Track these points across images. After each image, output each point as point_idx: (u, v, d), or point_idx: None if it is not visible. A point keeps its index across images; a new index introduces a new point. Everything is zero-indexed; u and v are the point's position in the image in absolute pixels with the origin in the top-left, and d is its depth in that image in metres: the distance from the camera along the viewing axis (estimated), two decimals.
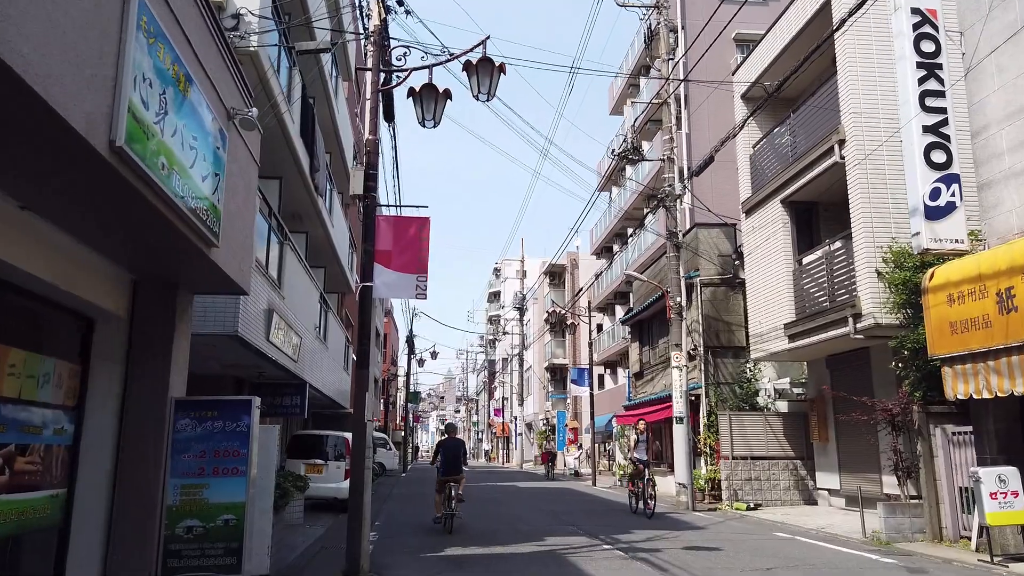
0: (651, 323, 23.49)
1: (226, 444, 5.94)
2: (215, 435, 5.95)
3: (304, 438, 15.82)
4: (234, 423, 6.00)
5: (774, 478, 16.49)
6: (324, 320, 16.37)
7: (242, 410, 6.07)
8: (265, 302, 9.92)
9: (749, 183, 16.89)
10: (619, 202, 35.91)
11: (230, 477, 5.88)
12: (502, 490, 22.62)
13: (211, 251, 5.39)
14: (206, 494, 5.81)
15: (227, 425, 5.98)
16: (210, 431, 5.94)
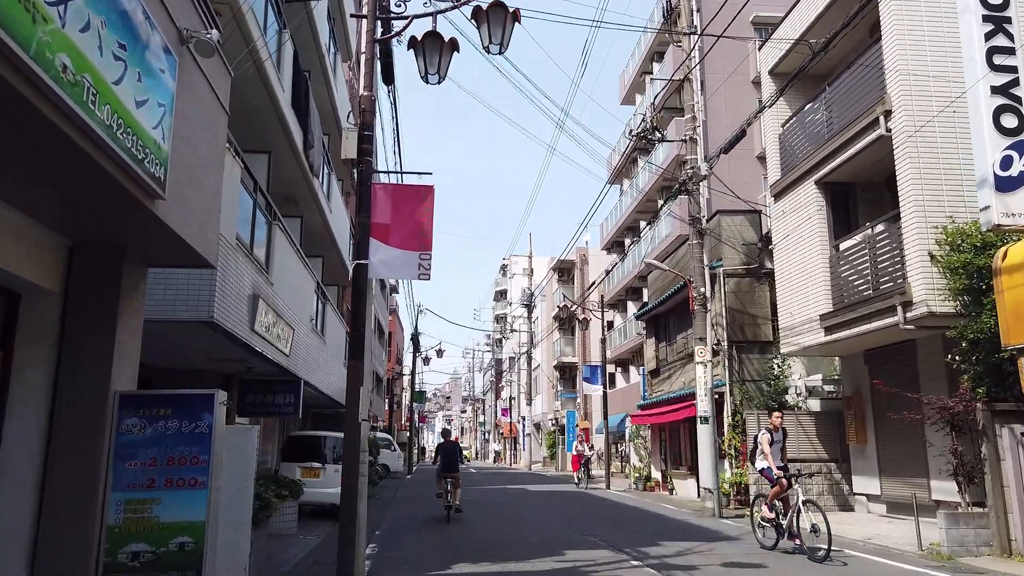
0: (668, 318, 22.31)
1: (183, 449, 4.81)
2: (169, 438, 4.81)
3: (300, 440, 14.71)
4: (193, 423, 4.86)
5: (806, 482, 15.26)
6: (322, 313, 15.25)
7: (203, 406, 4.94)
8: (249, 287, 8.80)
9: (778, 164, 15.68)
10: (631, 195, 34.72)
11: (187, 490, 4.75)
12: (511, 494, 21.48)
13: (157, 206, 4.26)
14: (157, 511, 4.68)
15: (184, 425, 4.85)
16: (163, 433, 4.81)
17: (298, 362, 12.35)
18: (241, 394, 12.55)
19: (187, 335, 8.06)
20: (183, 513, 4.71)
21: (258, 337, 9.29)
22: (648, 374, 23.83)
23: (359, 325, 6.99)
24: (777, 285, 15.58)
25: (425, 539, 11.45)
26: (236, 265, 8.18)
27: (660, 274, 23.21)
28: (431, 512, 15.47)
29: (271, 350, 10.18)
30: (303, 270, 12.63)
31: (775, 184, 15.64)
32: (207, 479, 4.80)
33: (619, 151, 37.61)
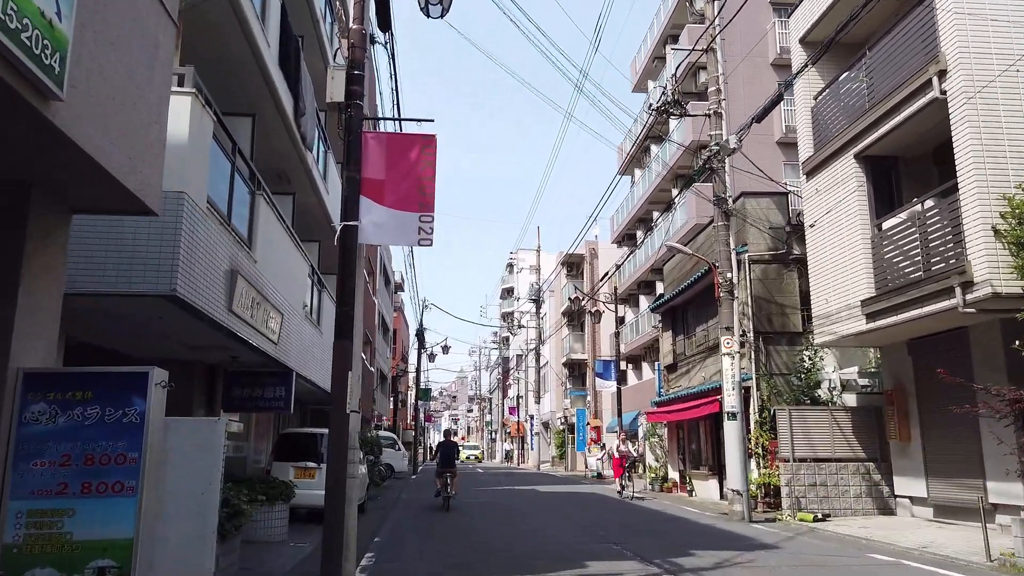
0: (686, 309, 21.12)
1: (106, 444, 3.69)
2: (88, 429, 3.70)
3: (294, 437, 13.59)
4: (119, 410, 3.74)
5: (842, 483, 14.09)
6: (318, 301, 14.13)
7: (133, 388, 3.82)
8: (226, 261, 7.68)
9: (811, 139, 14.48)
10: (643, 185, 33.52)
11: (111, 497, 3.63)
12: (521, 496, 20.33)
13: (53, 110, 3.13)
14: (70, 526, 3.56)
15: (108, 413, 3.73)
16: (80, 423, 3.69)
17: (290, 352, 11.24)
18: (227, 387, 11.46)
19: (148, 313, 6.94)
20: (105, 528, 3.59)
21: (238, 319, 8.16)
22: (664, 369, 22.65)
23: (347, 298, 5.87)
24: (810, 270, 14.38)
25: (431, 548, 10.32)
26: (208, 233, 7.06)
27: (677, 264, 22.04)
28: (437, 516, 14.33)
29: (256, 336, 9.07)
30: (295, 252, 11.51)
31: (807, 161, 14.45)
32: (138, 483, 3.68)
33: (631, 140, 36.42)
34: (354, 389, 5.99)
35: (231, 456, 13.56)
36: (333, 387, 5.65)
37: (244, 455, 14.06)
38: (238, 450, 13.77)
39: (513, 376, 57.97)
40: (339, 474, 5.55)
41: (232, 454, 13.63)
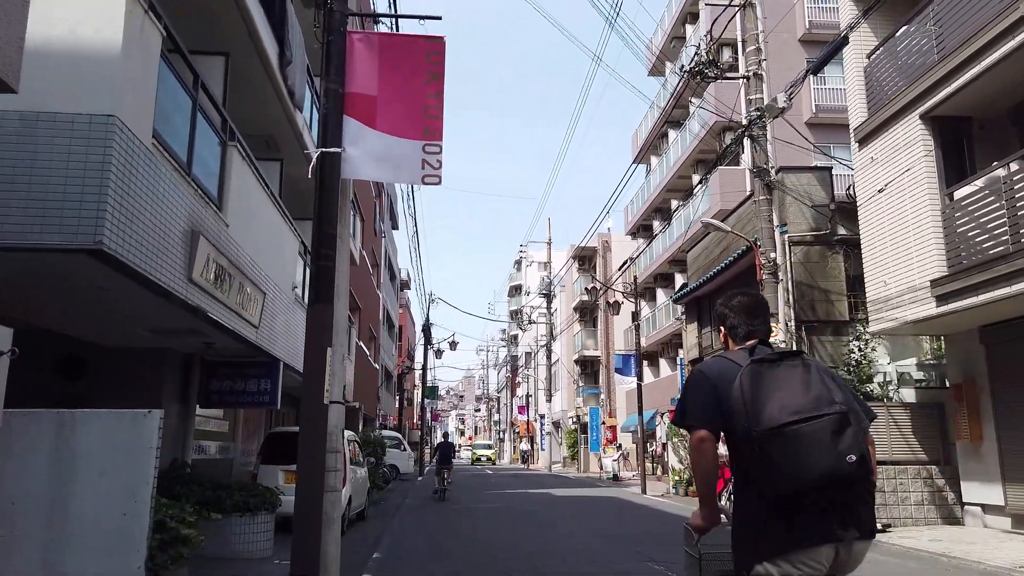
0: (712, 299, 19.52)
1: None
2: None
3: (284, 437, 12.06)
4: None
5: (902, 489, 12.50)
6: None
7: None
8: (184, 218, 6.18)
9: (864, 103, 12.91)
10: (660, 172, 31.95)
11: None
12: (536, 501, 18.80)
13: None
14: None
15: None
16: None
17: (276, 340, 9.75)
18: (204, 379, 9.98)
19: (79, 279, 5.45)
20: None
21: (202, 293, 6.66)
22: (689, 364, 21.07)
23: (325, 248, 4.36)
24: (864, 249, 12.80)
25: (441, 570, 8.80)
26: (156, 178, 5.56)
27: (703, 251, 20.48)
28: (446, 524, 12.82)
29: (230, 317, 7.58)
30: (282, 224, 10.02)
31: (860, 127, 12.87)
32: None
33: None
34: (337, 372, 4.48)
35: (215, 459, 12.11)
36: (306, 367, 4.15)
37: (230, 457, 12.59)
38: (223, 451, 12.31)
39: (522, 374, 56.47)
40: (313, 486, 4.05)
41: (217, 456, 12.17)
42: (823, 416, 2.31)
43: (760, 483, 2.38)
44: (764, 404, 2.36)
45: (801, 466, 2.27)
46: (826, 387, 2.40)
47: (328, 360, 4.18)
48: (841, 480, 2.27)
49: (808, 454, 2.27)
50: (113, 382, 8.98)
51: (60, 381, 8.99)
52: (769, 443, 2.31)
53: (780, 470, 2.30)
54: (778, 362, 2.48)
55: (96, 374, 9.04)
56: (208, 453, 11.41)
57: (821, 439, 2.28)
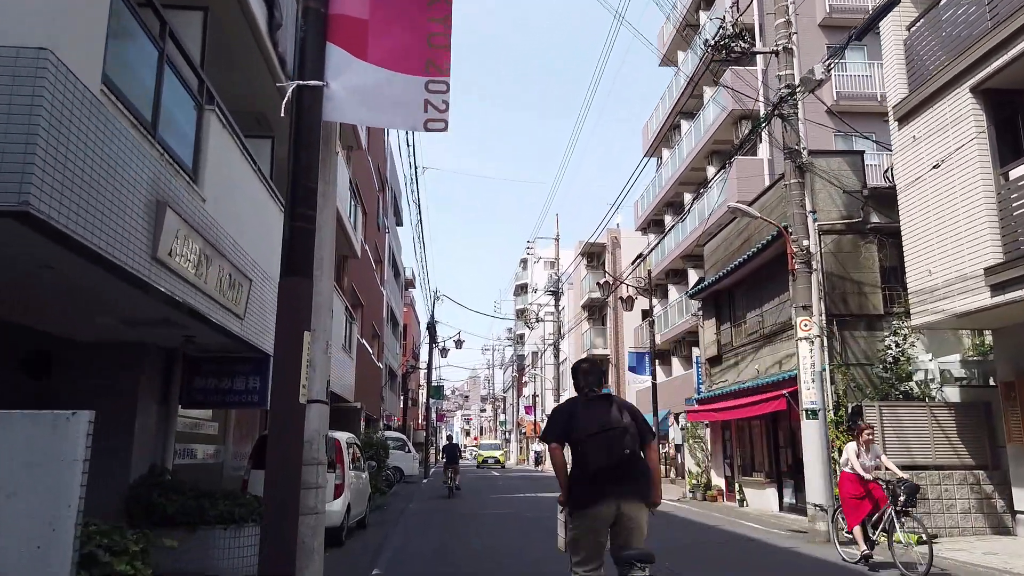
0: (734, 293, 18.59)
1: None
2: None
3: None
4: None
5: (947, 496, 11.54)
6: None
7: None
8: (147, 186, 5.28)
9: (904, 78, 11.94)
10: (672, 165, 30.97)
11: None
12: (548, 507, 17.84)
13: None
14: None
15: None
16: None
17: (264, 332, 8.83)
18: (187, 377, 9.08)
19: (5, 247, 4.53)
20: None
21: (172, 276, 5.75)
22: (706, 362, 20.11)
23: (302, 206, 3.43)
24: (906, 236, 11.82)
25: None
26: (107, 133, 4.65)
27: (721, 244, 19.52)
28: (453, 533, 11.89)
29: (206, 303, 6.67)
30: (270, 204, 9.09)
31: (900, 104, 11.90)
32: None
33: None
34: (319, 364, 3.56)
35: (204, 464, 11.22)
36: (276, 357, 3.23)
37: (220, 462, 11.69)
38: (213, 456, 11.41)
39: (529, 373, 55.52)
40: (284, 507, 3.11)
41: (206, 460, 11.28)
42: (613, 430, 4.18)
43: (582, 465, 4.19)
44: (584, 423, 4.23)
45: (600, 456, 4.12)
46: (620, 414, 4.27)
47: (305, 347, 3.25)
48: (621, 464, 4.12)
49: (604, 450, 4.12)
50: (84, 380, 8.09)
51: (25, 379, 8.12)
52: (585, 444, 4.18)
53: (590, 458, 4.13)
54: (596, 400, 4.37)
55: (66, 371, 8.14)
56: (195, 457, 10.51)
57: (611, 442, 4.14)
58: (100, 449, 8.07)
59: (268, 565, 3.11)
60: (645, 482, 4.24)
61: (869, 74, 23.26)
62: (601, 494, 4.12)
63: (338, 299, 15.03)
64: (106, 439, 8.11)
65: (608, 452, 4.12)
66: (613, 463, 4.11)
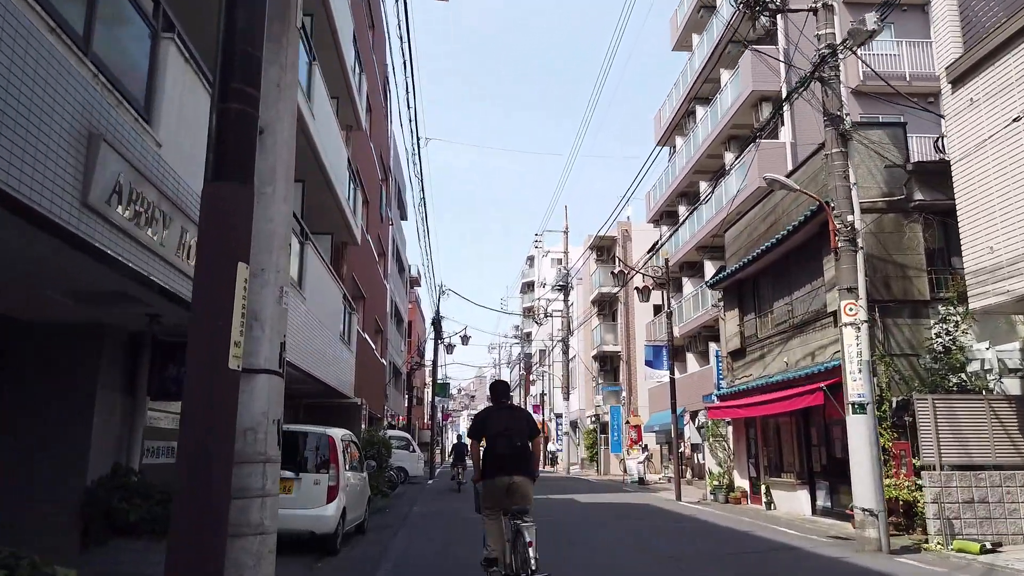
0: (758, 282, 17.44)
1: None
2: None
3: None
4: None
5: (1010, 499, 10.36)
6: (300, 256, 10.64)
7: None
8: (74, 113, 4.19)
9: (959, 35, 10.79)
10: (686, 153, 29.79)
11: None
12: (560, 508, 16.72)
13: None
14: None
15: None
16: None
17: None
18: (157, 365, 7.98)
19: None
20: None
21: (107, 227, 4.65)
22: (728, 356, 18.94)
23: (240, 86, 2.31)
24: (962, 211, 10.66)
25: None
26: (13, 34, 3.55)
27: (744, 230, 18.37)
28: (459, 540, 10.77)
29: (164, 270, 5.57)
30: None
31: (953, 65, 10.74)
32: None
33: (671, 105, 32.69)
34: (268, 316, 2.46)
35: None
36: (195, 293, 2.13)
37: None
38: None
39: (536, 372, 54.38)
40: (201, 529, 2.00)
41: None
42: (511, 429, 6.39)
43: (491, 451, 6.31)
44: (494, 425, 6.43)
45: (503, 447, 6.26)
46: (517, 419, 6.58)
47: (240, 286, 2.15)
48: (515, 453, 6.25)
49: (505, 443, 6.28)
50: (34, 367, 7.02)
51: None
52: (494, 439, 6.36)
53: (497, 448, 6.28)
54: (503, 409, 6.67)
55: (12, 357, 7.07)
56: (171, 456, 9.41)
57: (510, 438, 6.31)
58: (51, 447, 7.05)
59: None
60: (529, 464, 6.45)
61: (897, 53, 22.06)
62: (502, 470, 6.27)
63: (335, 286, 13.94)
64: (58, 436, 7.07)
65: (508, 445, 6.37)
66: (510, 452, 6.33)
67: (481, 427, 6.56)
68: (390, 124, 30.85)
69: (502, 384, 7.06)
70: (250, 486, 2.37)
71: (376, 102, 25.05)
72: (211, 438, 2.07)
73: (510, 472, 6.21)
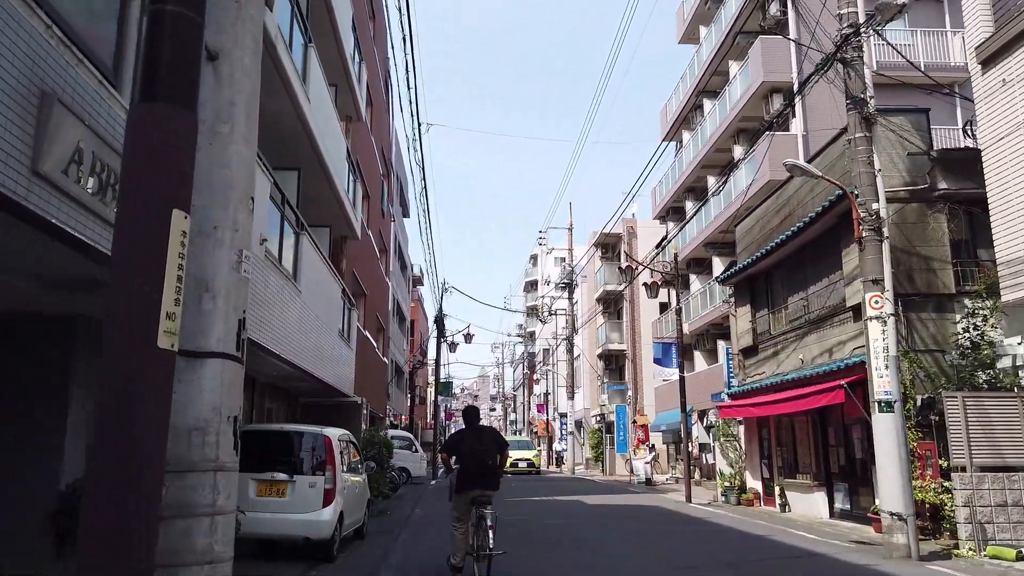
0: (771, 276, 16.88)
1: None
2: None
3: (257, 438, 9.56)
4: None
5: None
6: (295, 246, 10.12)
7: None
8: (24, 69, 3.65)
9: (989, 13, 10.22)
10: (694, 148, 29.22)
11: None
12: (567, 510, 16.17)
13: None
14: None
15: None
16: None
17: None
18: None
19: None
20: None
21: (71, 203, 4.12)
22: (739, 353, 18.38)
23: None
24: (993, 198, 10.11)
25: None
26: None
27: (756, 223, 17.81)
28: None
29: None
30: None
31: (984, 45, 10.19)
32: None
33: (677, 99, 32.11)
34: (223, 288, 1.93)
35: None
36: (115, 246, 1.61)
37: None
38: None
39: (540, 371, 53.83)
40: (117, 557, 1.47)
41: None
42: (481, 449, 7.63)
43: (463, 468, 7.50)
44: (467, 445, 7.63)
45: (473, 465, 7.50)
46: (485, 440, 7.81)
47: (176, 243, 1.62)
48: (483, 471, 7.51)
49: (475, 462, 7.51)
50: (1, 364, 6.49)
51: None
52: (465, 457, 7.57)
53: (468, 466, 7.50)
54: (476, 430, 7.89)
55: None
56: None
57: (480, 457, 7.55)
58: (22, 450, 6.51)
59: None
60: (496, 478, 7.65)
61: (911, 43, 21.47)
62: (472, 485, 7.45)
63: (334, 280, 13.41)
64: (30, 437, 6.55)
65: (478, 464, 7.54)
66: (480, 471, 7.51)
67: (455, 446, 7.86)
68: (392, 119, 30.34)
69: (473, 409, 8.27)
70: (196, 502, 1.84)
71: (377, 96, 24.53)
72: (133, 441, 1.55)
73: (479, 486, 7.51)
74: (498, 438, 8.19)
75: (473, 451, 7.58)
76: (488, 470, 7.59)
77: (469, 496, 7.45)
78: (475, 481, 7.47)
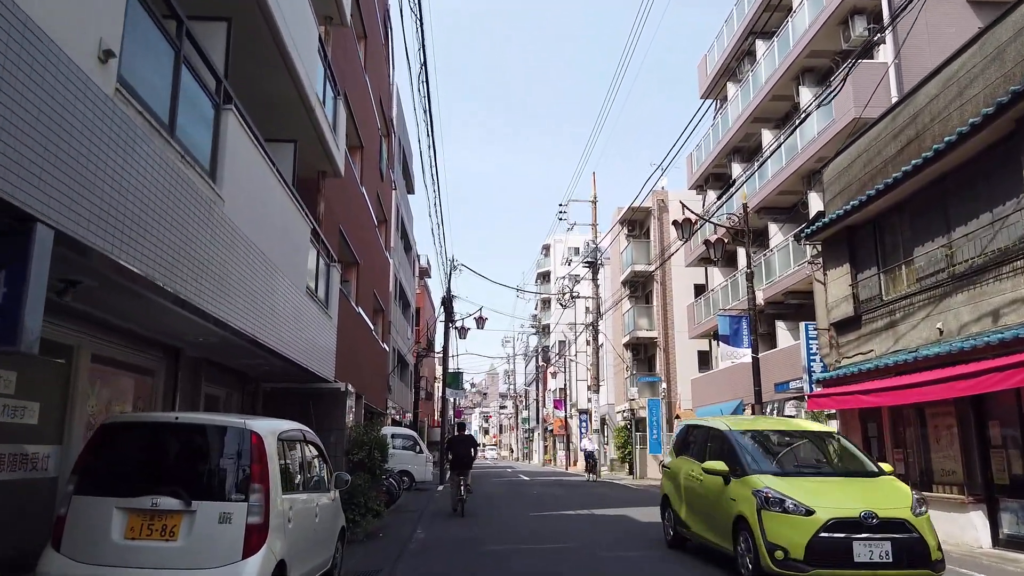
0: (881, 225, 12.95)
1: None
2: None
3: (133, 436, 5.66)
4: None
5: None
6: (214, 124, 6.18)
7: None
8: None
9: None
10: (742, 101, 25.21)
11: None
12: (614, 530, 12.21)
13: None
14: None
15: None
16: None
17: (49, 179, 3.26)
18: None
19: None
20: None
21: None
22: (830, 328, 14.40)
23: None
24: None
25: None
26: None
27: (856, 160, 13.83)
28: None
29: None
30: None
31: None
32: None
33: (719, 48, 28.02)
34: None
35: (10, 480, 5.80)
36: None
37: (48, 475, 6.20)
38: (23, 465, 5.90)
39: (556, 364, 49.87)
40: None
41: (19, 474, 5.86)
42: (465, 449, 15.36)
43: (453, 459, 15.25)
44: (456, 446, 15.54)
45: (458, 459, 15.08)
46: (466, 444, 15.61)
47: None
48: (464, 462, 15.01)
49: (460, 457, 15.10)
50: None
51: None
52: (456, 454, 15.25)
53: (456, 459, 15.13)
54: (462, 437, 16.06)
55: None
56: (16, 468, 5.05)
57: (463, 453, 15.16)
58: None
59: None
60: (471, 464, 15.10)
61: None
62: (459, 467, 14.84)
63: (299, 215, 9.52)
64: None
65: (463, 456, 14.98)
66: (463, 462, 14.84)
67: (452, 447, 15.56)
68: (392, 69, 26.43)
69: (461, 425, 16.64)
70: None
71: (374, 36, 20.66)
72: None
73: (463, 467, 14.87)
74: (473, 441, 16.09)
75: (461, 448, 15.29)
76: (467, 462, 15.06)
77: (457, 472, 14.91)
78: (461, 464, 14.95)
